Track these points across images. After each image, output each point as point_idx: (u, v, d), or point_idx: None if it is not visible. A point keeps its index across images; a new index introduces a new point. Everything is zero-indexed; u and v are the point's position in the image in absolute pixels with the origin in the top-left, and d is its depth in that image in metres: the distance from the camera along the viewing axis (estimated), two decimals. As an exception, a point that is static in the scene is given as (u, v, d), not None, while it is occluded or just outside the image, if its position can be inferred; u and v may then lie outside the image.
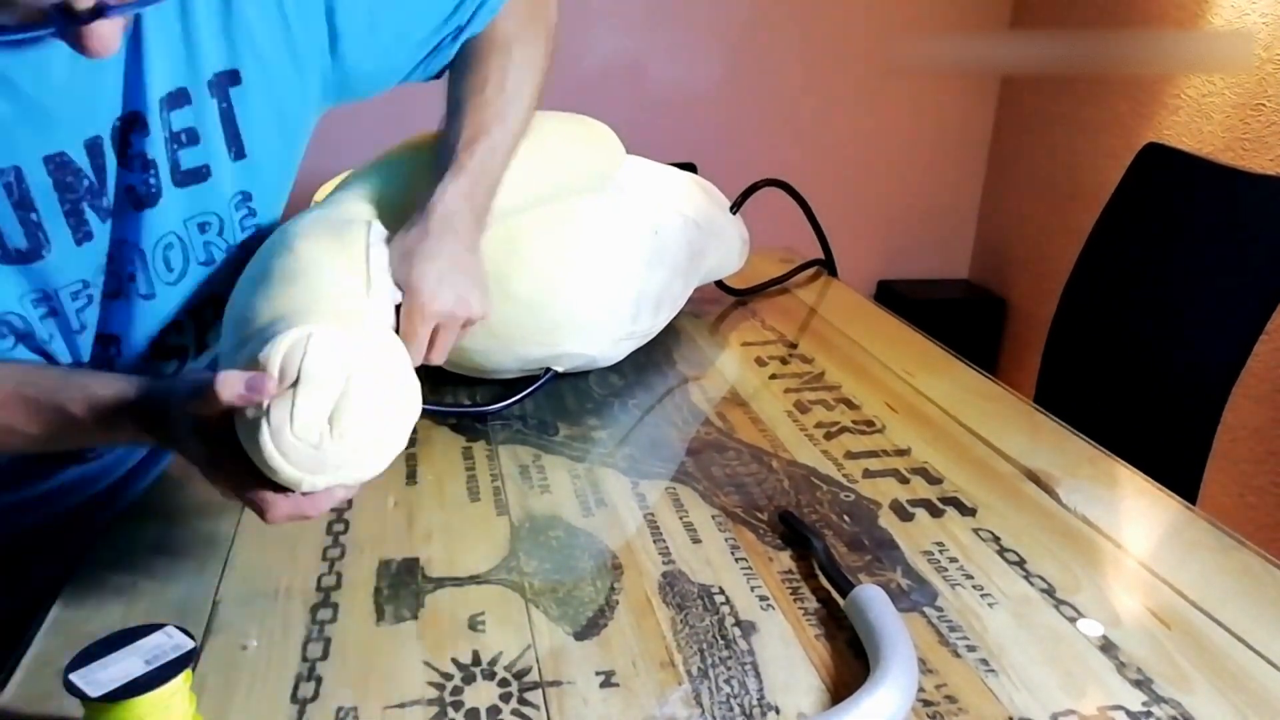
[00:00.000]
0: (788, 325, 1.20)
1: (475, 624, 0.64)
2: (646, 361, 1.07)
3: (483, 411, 0.93)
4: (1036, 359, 1.41)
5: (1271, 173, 1.77)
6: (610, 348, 1.00)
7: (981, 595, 0.68)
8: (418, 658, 0.60)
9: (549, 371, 0.97)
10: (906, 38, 2.49)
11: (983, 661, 0.61)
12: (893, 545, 0.74)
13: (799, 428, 0.92)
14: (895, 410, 0.96)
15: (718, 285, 1.27)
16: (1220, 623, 0.65)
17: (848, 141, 2.59)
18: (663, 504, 0.79)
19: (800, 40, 2.48)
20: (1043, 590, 0.68)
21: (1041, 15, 2.47)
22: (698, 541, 0.74)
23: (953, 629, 0.64)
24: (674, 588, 0.68)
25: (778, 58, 2.49)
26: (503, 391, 0.95)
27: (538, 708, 0.56)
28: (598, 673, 0.59)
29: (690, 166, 1.62)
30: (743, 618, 0.65)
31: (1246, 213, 1.19)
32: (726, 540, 0.74)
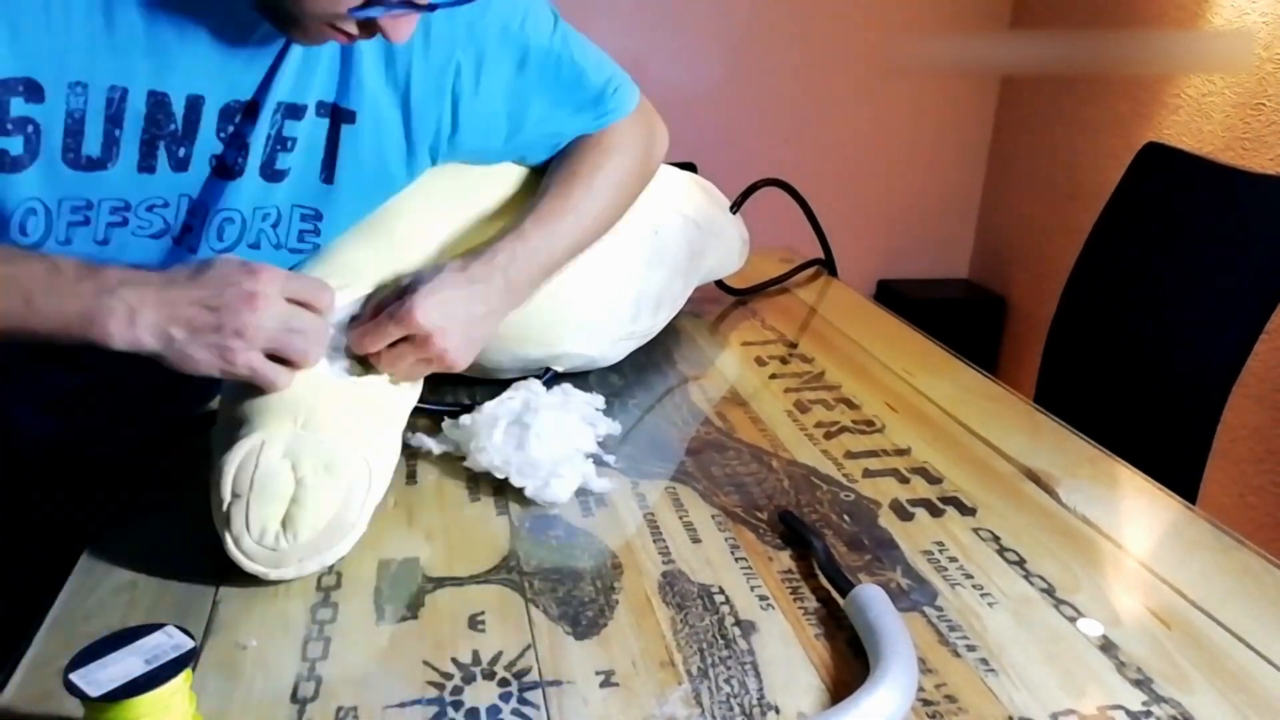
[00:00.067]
0: (788, 325, 1.20)
1: (475, 624, 0.64)
2: (646, 361, 1.07)
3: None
4: (1036, 359, 1.41)
5: (1271, 172, 1.78)
6: (610, 348, 1.00)
7: (981, 595, 0.68)
8: (418, 657, 0.60)
9: (548, 371, 0.97)
10: (906, 38, 2.49)
11: (982, 661, 0.61)
12: (892, 545, 0.74)
13: (799, 427, 0.92)
14: (895, 410, 0.96)
15: (718, 285, 1.27)
16: (1220, 623, 0.65)
17: (848, 141, 2.59)
18: (662, 504, 0.79)
19: (800, 40, 2.48)
20: (1043, 590, 0.68)
21: (1041, 15, 2.47)
22: (697, 541, 0.74)
23: (953, 629, 0.64)
24: (674, 587, 0.68)
25: (778, 58, 2.49)
26: (502, 391, 0.95)
27: (537, 707, 0.56)
28: (597, 672, 0.59)
29: (690, 166, 1.62)
30: (742, 617, 0.65)
31: (1246, 212, 1.19)
32: (726, 540, 0.74)
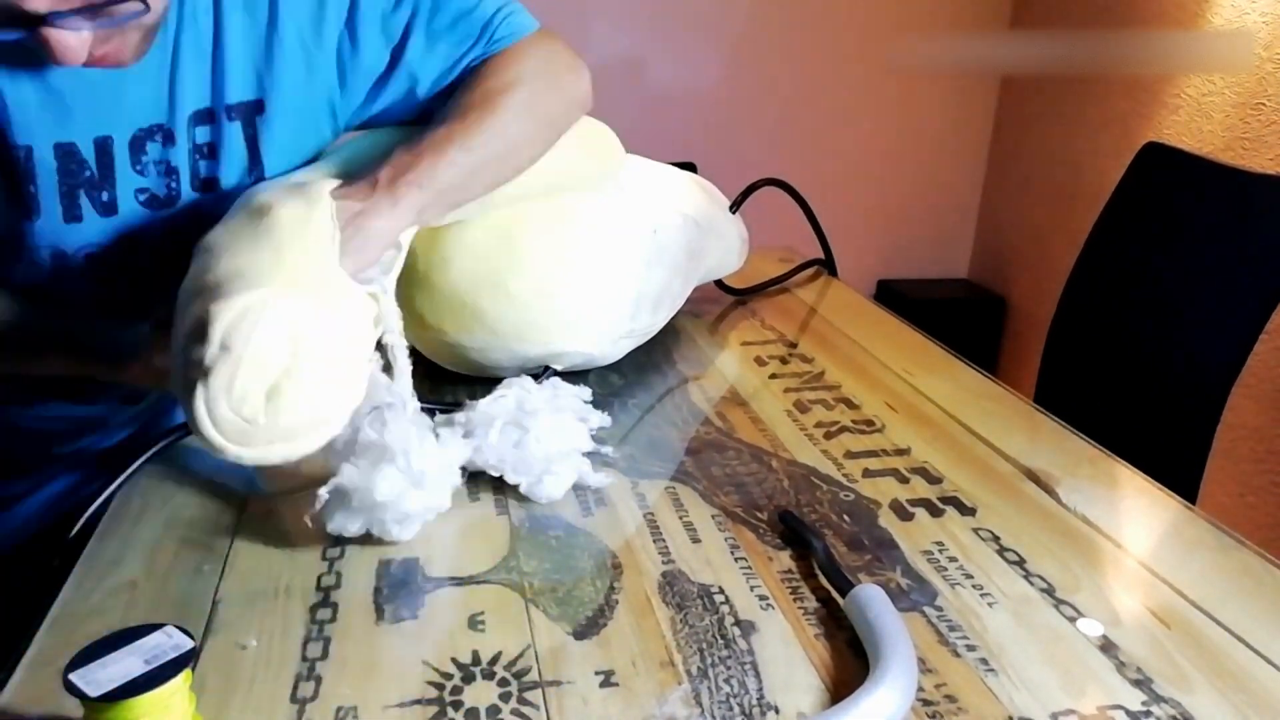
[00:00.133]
0: (788, 325, 1.20)
1: (475, 624, 0.64)
2: (646, 361, 1.07)
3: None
4: (1036, 359, 1.42)
5: (1271, 172, 1.78)
6: (609, 346, 1.00)
7: (981, 595, 0.68)
8: (417, 657, 0.60)
9: (548, 370, 0.97)
10: (906, 38, 2.49)
11: (982, 661, 0.61)
12: (892, 545, 0.74)
13: (799, 427, 0.92)
14: (895, 410, 0.96)
15: (717, 285, 1.27)
16: (1220, 622, 0.65)
17: (847, 141, 2.59)
18: (662, 503, 0.79)
19: (800, 40, 2.48)
20: (1042, 590, 0.68)
21: (1041, 15, 2.47)
22: (697, 541, 0.74)
23: (952, 628, 0.64)
24: (674, 587, 0.68)
25: (778, 58, 2.49)
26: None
27: (537, 707, 0.56)
28: (597, 672, 0.59)
29: (690, 166, 1.62)
30: (742, 617, 0.65)
31: (1246, 212, 1.19)
32: (726, 540, 0.74)
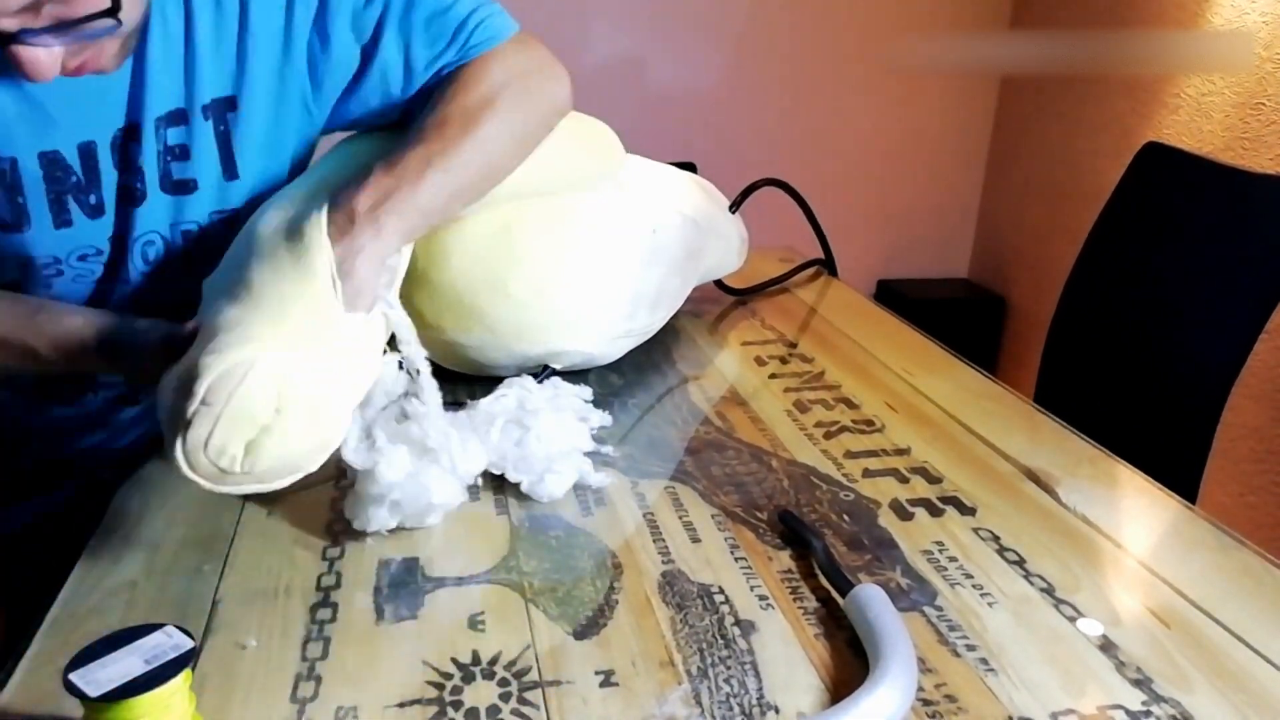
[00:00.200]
0: (788, 325, 1.20)
1: (475, 624, 0.64)
2: (646, 361, 1.07)
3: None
4: (1036, 359, 1.42)
5: (1271, 171, 1.78)
6: (607, 346, 1.00)
7: (981, 595, 0.68)
8: (417, 657, 0.60)
9: (546, 369, 0.97)
10: (906, 38, 2.49)
11: (982, 661, 0.61)
12: (892, 545, 0.74)
13: (798, 427, 0.92)
14: (895, 410, 0.96)
15: (717, 285, 1.27)
16: (1220, 622, 0.65)
17: (847, 141, 2.59)
18: (662, 503, 0.79)
19: (800, 40, 2.48)
20: (1042, 590, 0.68)
21: (1041, 15, 2.47)
22: (697, 541, 0.74)
23: (952, 628, 0.64)
24: (673, 587, 0.68)
25: (778, 58, 2.49)
26: (495, 388, 0.95)
27: (537, 707, 0.56)
28: (597, 672, 0.59)
29: (690, 166, 1.62)
30: (742, 617, 0.65)
31: (1246, 212, 1.19)
32: (726, 540, 0.74)
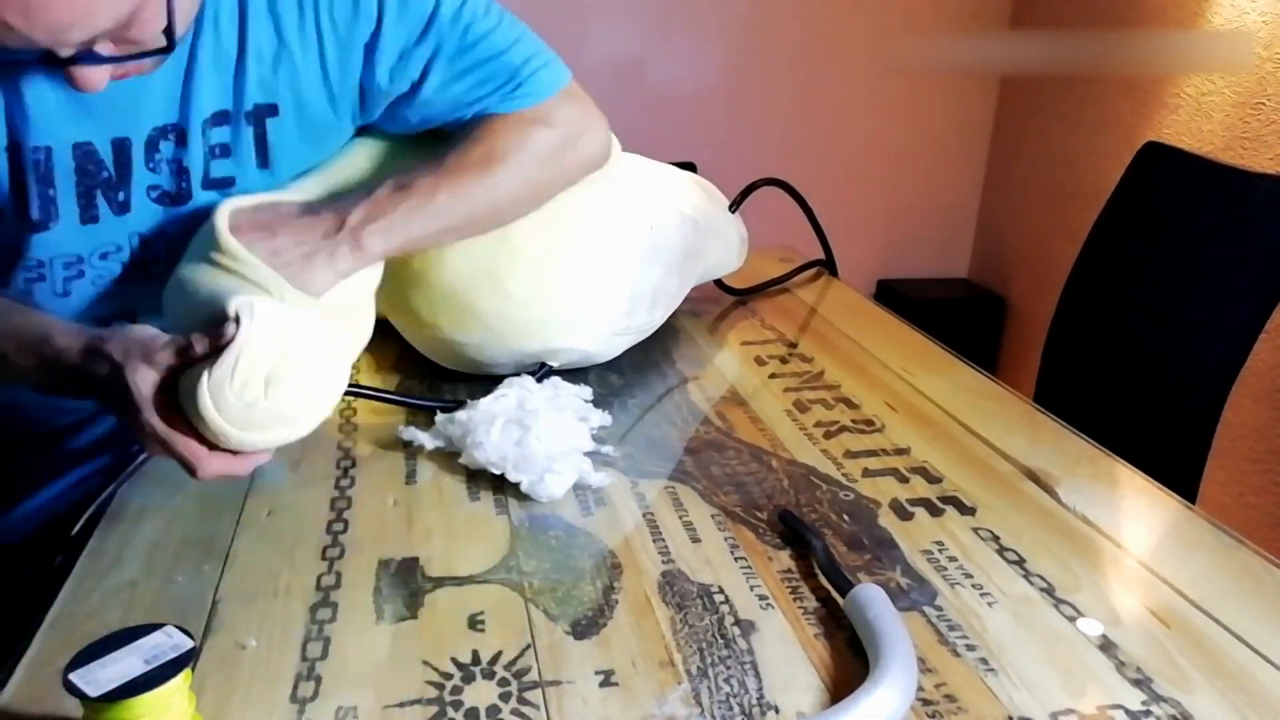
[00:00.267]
0: (788, 325, 1.20)
1: (475, 623, 0.64)
2: (645, 361, 1.07)
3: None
4: (1036, 358, 1.41)
5: (1271, 172, 1.78)
6: (605, 344, 1.00)
7: (981, 594, 0.68)
8: (417, 657, 0.60)
9: (544, 367, 0.97)
10: (906, 38, 2.49)
11: (982, 661, 0.61)
12: (892, 544, 0.74)
13: (798, 427, 0.92)
14: (895, 410, 0.96)
15: (717, 285, 1.27)
16: (1220, 622, 0.65)
17: (848, 141, 2.59)
18: (662, 503, 0.79)
19: (800, 40, 2.48)
20: (1042, 589, 0.68)
21: (1041, 15, 2.47)
22: (697, 541, 0.74)
23: (952, 628, 0.64)
24: (673, 587, 0.68)
25: (778, 58, 2.49)
26: (494, 387, 0.95)
27: (537, 707, 0.56)
28: (597, 672, 0.59)
29: (690, 166, 1.62)
30: (742, 617, 0.65)
31: (1246, 212, 1.19)
32: (726, 539, 0.74)
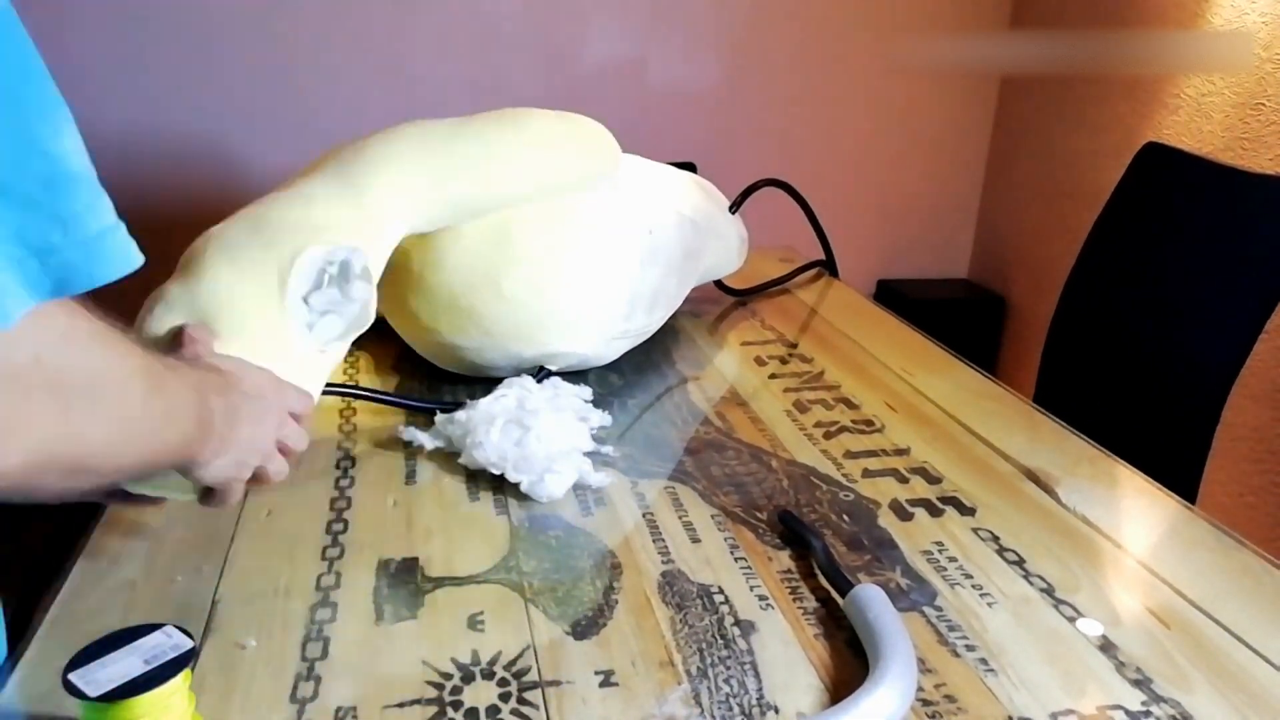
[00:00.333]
0: (787, 325, 1.20)
1: (474, 623, 0.64)
2: (645, 361, 1.07)
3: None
4: (1036, 359, 1.41)
5: (1271, 172, 1.77)
6: (604, 347, 1.00)
7: (981, 595, 0.68)
8: (417, 657, 0.60)
9: (542, 370, 0.97)
10: (906, 38, 2.49)
11: (982, 661, 0.61)
12: (892, 545, 0.74)
13: (798, 427, 0.92)
14: (895, 410, 0.96)
15: (717, 285, 1.27)
16: (1220, 622, 0.65)
17: (848, 141, 2.59)
18: (662, 503, 0.79)
19: (800, 40, 2.48)
20: (1042, 590, 0.68)
21: (1041, 15, 2.47)
22: (697, 541, 0.74)
23: (952, 628, 0.64)
24: (673, 587, 0.68)
25: (778, 58, 2.49)
26: (494, 388, 0.95)
27: (537, 707, 0.56)
28: (597, 672, 0.59)
29: (690, 166, 1.62)
30: (742, 617, 0.65)
31: (1246, 212, 1.19)
32: (726, 540, 0.74)
